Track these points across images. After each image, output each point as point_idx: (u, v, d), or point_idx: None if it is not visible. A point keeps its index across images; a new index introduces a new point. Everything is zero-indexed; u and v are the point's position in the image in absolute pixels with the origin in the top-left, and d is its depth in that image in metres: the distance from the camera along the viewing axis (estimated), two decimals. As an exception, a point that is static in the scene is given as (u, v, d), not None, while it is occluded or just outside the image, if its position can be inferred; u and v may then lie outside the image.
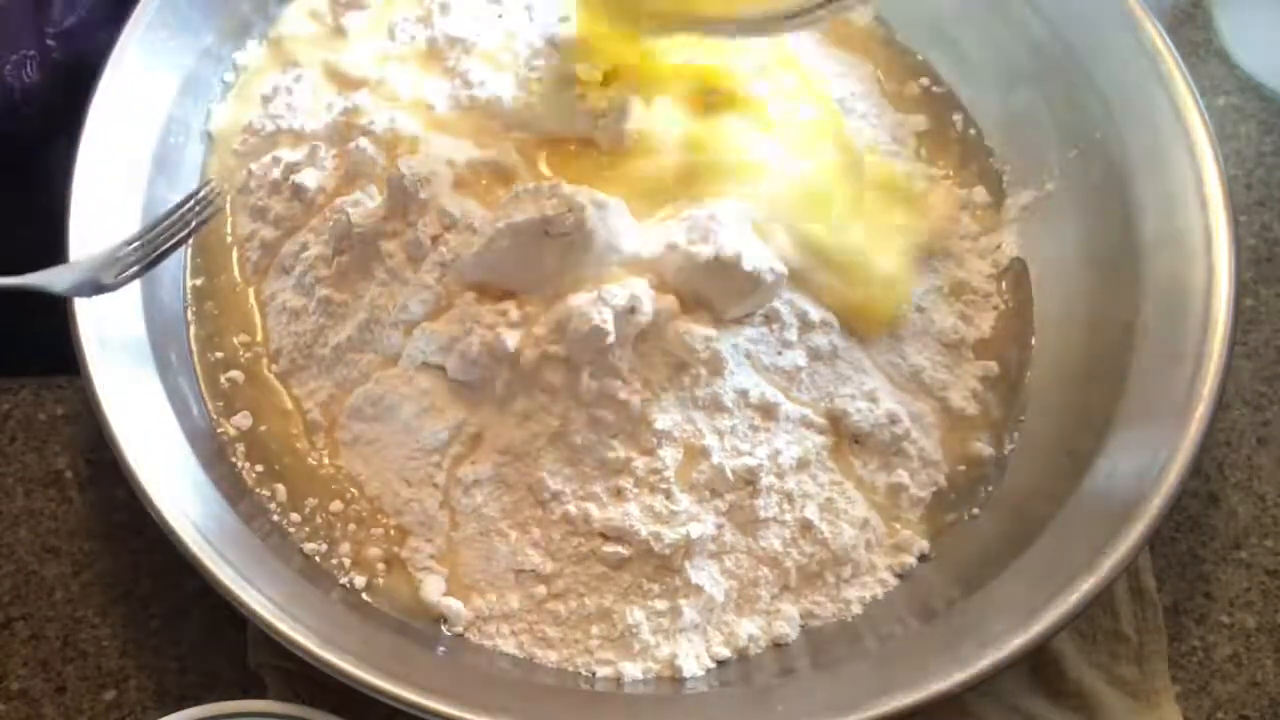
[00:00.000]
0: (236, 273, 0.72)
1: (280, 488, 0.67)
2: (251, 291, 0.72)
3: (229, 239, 0.73)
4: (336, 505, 0.66)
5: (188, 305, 0.71)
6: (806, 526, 0.65)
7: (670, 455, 0.64)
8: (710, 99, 0.70)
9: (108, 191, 0.68)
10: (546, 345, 0.63)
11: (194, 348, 0.70)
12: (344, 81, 0.75)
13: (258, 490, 0.67)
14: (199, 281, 0.72)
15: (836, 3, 0.60)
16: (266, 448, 0.68)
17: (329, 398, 0.68)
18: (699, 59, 0.70)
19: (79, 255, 0.65)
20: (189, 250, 0.72)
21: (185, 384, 0.68)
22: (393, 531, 0.65)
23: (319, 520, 0.66)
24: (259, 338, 0.70)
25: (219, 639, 0.67)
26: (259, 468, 0.67)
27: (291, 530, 0.66)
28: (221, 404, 0.69)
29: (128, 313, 0.67)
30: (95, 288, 0.62)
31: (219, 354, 0.70)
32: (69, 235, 0.65)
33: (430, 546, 0.65)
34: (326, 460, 0.67)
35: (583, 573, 0.63)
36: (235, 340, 0.70)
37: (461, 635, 0.63)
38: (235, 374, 0.69)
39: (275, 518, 0.66)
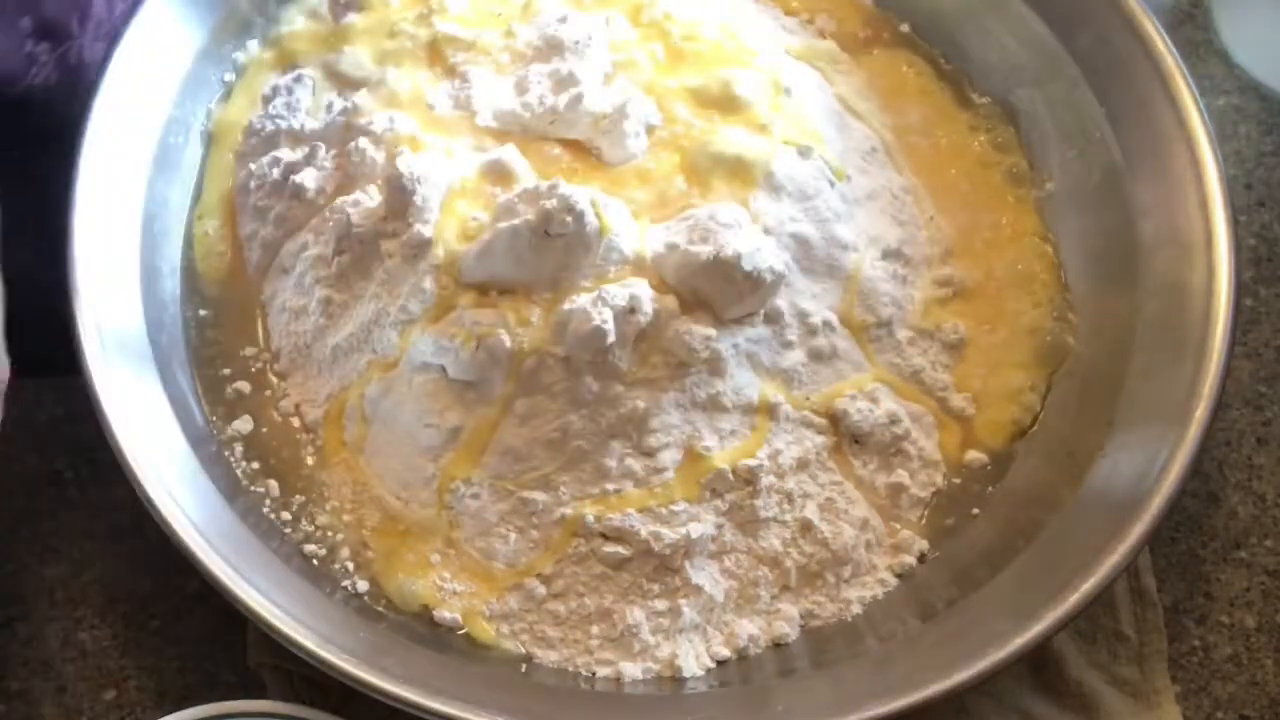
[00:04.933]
0: (237, 273, 0.72)
1: (273, 483, 0.67)
2: (252, 292, 0.72)
3: (229, 239, 0.73)
4: (334, 506, 0.66)
5: (187, 302, 0.71)
6: (806, 526, 0.65)
7: (670, 456, 0.64)
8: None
9: (108, 191, 0.68)
10: (546, 346, 0.63)
11: (194, 347, 0.70)
12: (344, 81, 0.75)
13: (252, 488, 0.67)
14: (198, 281, 0.72)
15: None
16: (265, 446, 0.68)
17: (328, 398, 0.68)
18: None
19: (81, 258, 0.65)
20: (188, 246, 0.72)
21: (185, 384, 0.68)
22: (392, 532, 0.65)
23: (317, 521, 0.66)
24: (262, 343, 0.70)
25: (219, 639, 0.67)
26: (254, 465, 0.67)
27: (288, 530, 0.66)
28: (223, 409, 0.69)
29: (128, 312, 0.67)
30: None
31: (226, 370, 0.70)
32: (72, 236, 0.65)
33: (430, 547, 0.65)
34: (324, 460, 0.67)
35: (583, 573, 0.63)
36: (242, 353, 0.70)
37: (461, 635, 0.63)
38: (241, 384, 0.69)
39: (270, 515, 0.66)
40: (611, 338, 0.62)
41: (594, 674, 0.63)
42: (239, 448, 0.68)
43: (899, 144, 0.76)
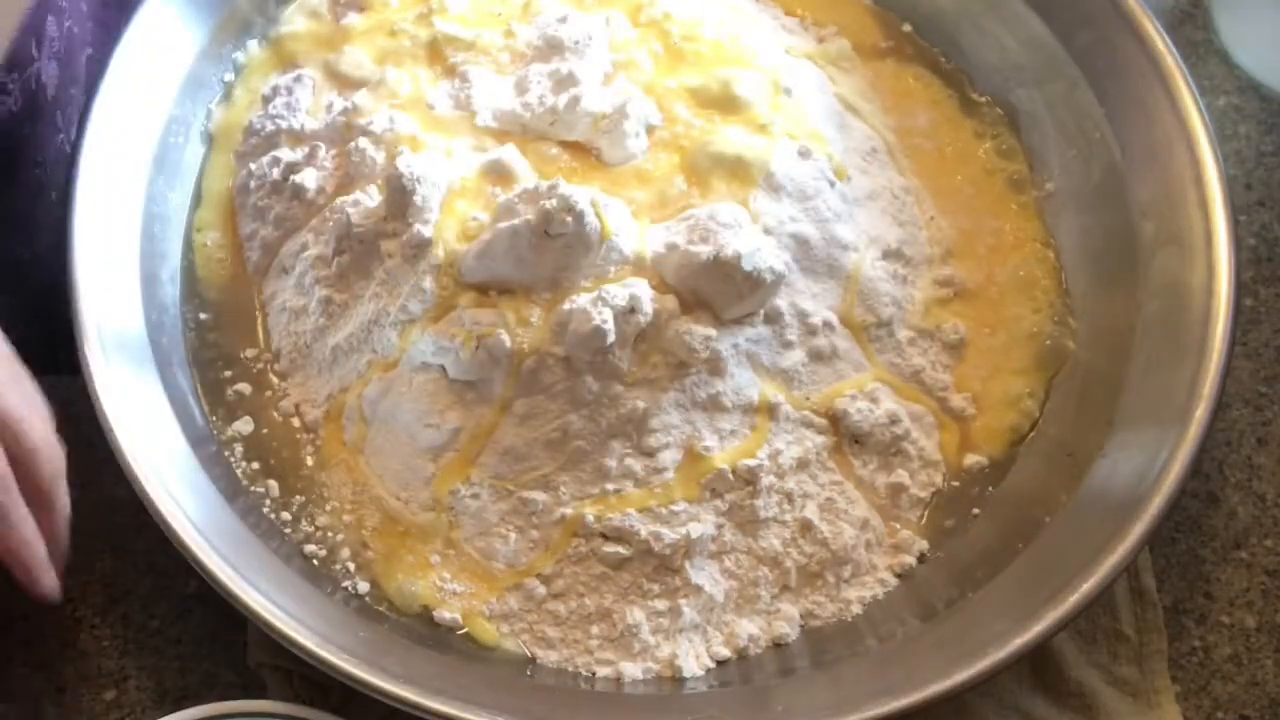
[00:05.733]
0: (238, 277, 0.72)
1: (273, 484, 0.67)
2: (253, 292, 0.72)
3: (229, 245, 0.73)
4: (334, 506, 0.66)
5: (187, 304, 0.71)
6: (806, 526, 0.65)
7: (670, 456, 0.64)
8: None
9: (108, 191, 0.68)
10: (546, 346, 0.63)
11: (194, 349, 0.70)
12: (344, 81, 0.75)
13: (252, 488, 0.67)
14: (199, 280, 0.72)
15: None
16: (265, 446, 0.68)
17: (328, 398, 0.68)
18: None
19: (81, 258, 0.65)
20: (188, 247, 0.72)
21: (185, 384, 0.68)
22: (392, 533, 0.65)
23: (317, 522, 0.66)
24: (262, 344, 0.70)
25: (219, 639, 0.67)
26: (254, 465, 0.67)
27: (288, 531, 0.66)
28: (223, 410, 0.69)
29: (128, 313, 0.67)
30: None
31: (226, 372, 0.70)
32: (72, 237, 0.65)
33: (430, 548, 0.65)
34: (324, 460, 0.67)
35: (583, 573, 0.63)
36: (242, 355, 0.70)
37: (461, 635, 0.63)
38: (242, 386, 0.69)
39: (270, 515, 0.66)
40: (611, 338, 0.62)
41: (594, 674, 0.63)
42: (239, 448, 0.68)
43: (902, 145, 0.76)
